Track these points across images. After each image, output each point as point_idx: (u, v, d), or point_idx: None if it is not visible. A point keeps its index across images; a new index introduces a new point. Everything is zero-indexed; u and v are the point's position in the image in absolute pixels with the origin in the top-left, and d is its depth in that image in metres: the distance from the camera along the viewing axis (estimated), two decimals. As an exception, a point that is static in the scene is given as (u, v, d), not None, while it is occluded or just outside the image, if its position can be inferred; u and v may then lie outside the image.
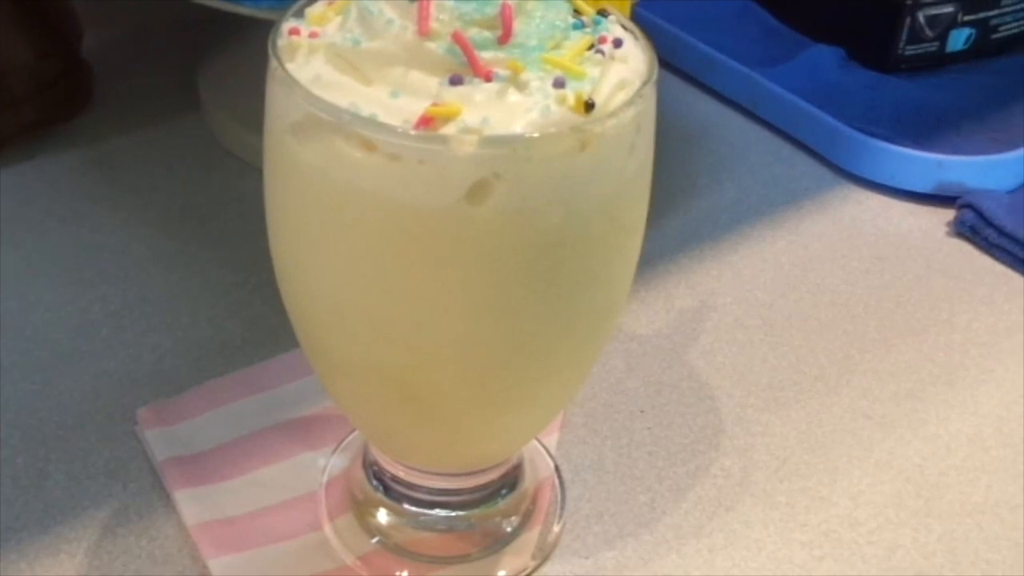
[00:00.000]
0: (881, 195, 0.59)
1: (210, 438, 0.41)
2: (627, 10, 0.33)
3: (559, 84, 0.27)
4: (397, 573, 0.37)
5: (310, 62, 0.28)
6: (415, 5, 0.27)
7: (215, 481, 0.39)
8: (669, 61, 0.67)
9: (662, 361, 0.47)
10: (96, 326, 0.46)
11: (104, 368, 0.44)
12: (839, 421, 0.45)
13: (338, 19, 0.29)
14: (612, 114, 0.27)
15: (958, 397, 0.47)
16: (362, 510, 0.38)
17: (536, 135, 0.26)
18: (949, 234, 0.55)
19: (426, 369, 0.30)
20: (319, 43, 0.28)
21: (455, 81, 0.27)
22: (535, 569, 0.38)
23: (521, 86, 0.27)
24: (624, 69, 0.29)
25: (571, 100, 0.27)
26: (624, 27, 0.31)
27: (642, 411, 0.45)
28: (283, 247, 0.30)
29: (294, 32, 0.29)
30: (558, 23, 0.28)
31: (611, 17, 0.31)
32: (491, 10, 0.27)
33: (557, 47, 0.28)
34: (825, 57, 0.66)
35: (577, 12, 0.30)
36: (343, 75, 0.27)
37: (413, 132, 0.26)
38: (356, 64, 0.27)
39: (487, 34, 0.27)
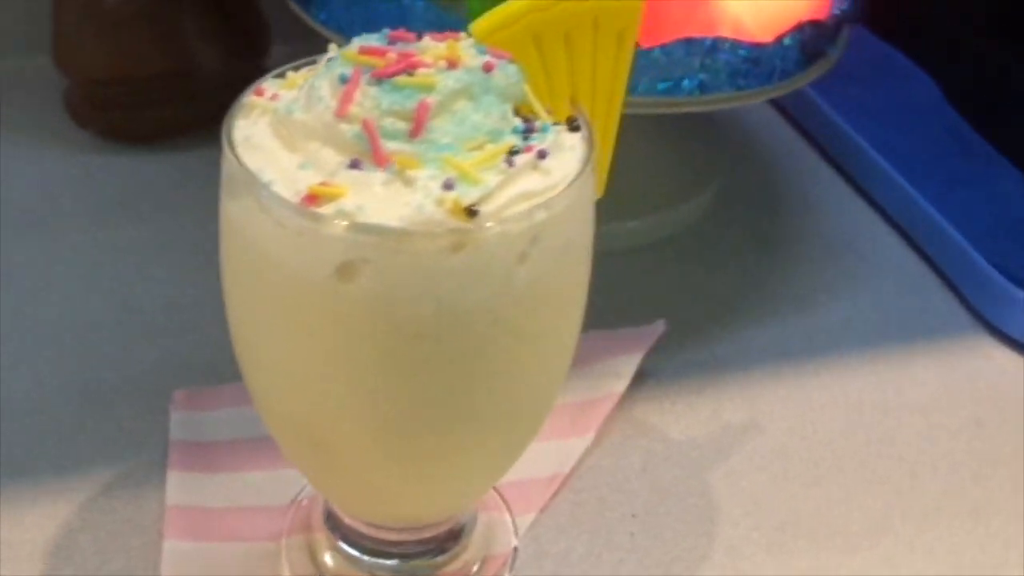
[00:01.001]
0: (1016, 353, 0.53)
1: (222, 432, 0.45)
2: (612, 120, 0.33)
3: (448, 186, 0.28)
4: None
5: (257, 122, 0.30)
6: (345, 87, 0.29)
7: (208, 471, 0.43)
8: (835, 159, 0.65)
9: (681, 471, 0.46)
10: (180, 307, 0.51)
11: (169, 346, 0.49)
12: (840, 583, 0.42)
13: (299, 88, 0.31)
14: (497, 223, 0.28)
15: (994, 595, 0.42)
16: (311, 535, 0.40)
17: (399, 228, 0.27)
18: (1071, 415, 0.50)
19: (323, 424, 0.32)
20: (269, 106, 0.30)
21: (354, 165, 0.28)
22: (452, 639, 0.39)
23: (408, 181, 0.28)
24: (538, 181, 0.29)
25: (449, 203, 0.27)
26: (586, 137, 0.31)
27: (634, 515, 0.44)
28: (224, 288, 0.33)
29: (259, 92, 0.31)
30: (484, 125, 0.29)
31: (563, 127, 0.31)
32: (411, 104, 0.29)
33: (478, 149, 0.29)
34: (1017, 188, 0.61)
35: (528, 117, 0.31)
36: (275, 140, 0.30)
37: (293, 205, 0.28)
38: (287, 132, 0.30)
39: (401, 126, 0.29)
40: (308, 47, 0.69)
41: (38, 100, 0.63)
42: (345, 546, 0.39)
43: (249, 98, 0.31)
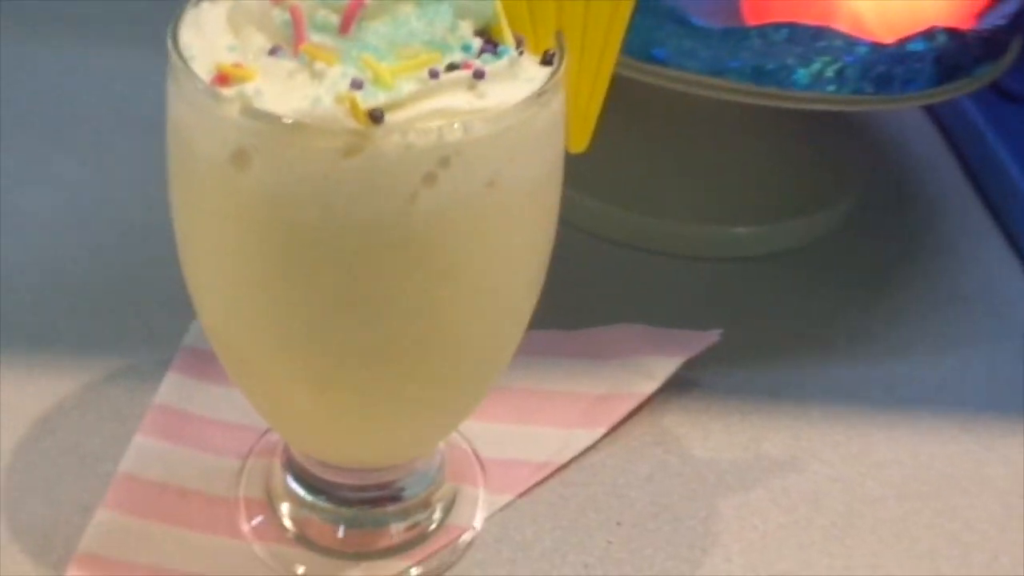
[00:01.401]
0: None
1: (234, 347, 0.44)
2: (604, 70, 0.30)
3: (357, 85, 0.26)
4: (265, 528, 0.38)
5: (217, 7, 0.30)
6: (292, -26, 0.28)
7: (203, 379, 0.43)
8: (987, 192, 0.57)
9: (688, 490, 0.42)
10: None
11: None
12: (827, 652, 0.37)
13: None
14: (399, 133, 0.26)
15: None
16: (271, 461, 0.39)
17: (292, 121, 0.25)
18: None
19: (236, 331, 0.31)
20: (235, -9, 0.29)
21: (273, 51, 0.27)
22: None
23: (316, 73, 0.26)
24: (465, 100, 0.27)
25: (348, 101, 0.25)
26: (555, 74, 0.28)
27: (619, 523, 0.40)
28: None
29: (234, -21, 0.30)
30: (424, 34, 0.27)
31: (530, 56, 0.28)
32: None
33: (412, 57, 0.27)
34: None
35: (495, 40, 0.28)
36: (225, 24, 0.29)
37: (201, 83, 0.27)
38: (236, 17, 0.29)
39: (333, 19, 0.27)
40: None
41: None
42: (290, 478, 0.38)
43: (224, -17, 0.30)
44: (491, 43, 0.28)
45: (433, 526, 0.38)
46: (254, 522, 0.38)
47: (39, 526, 0.38)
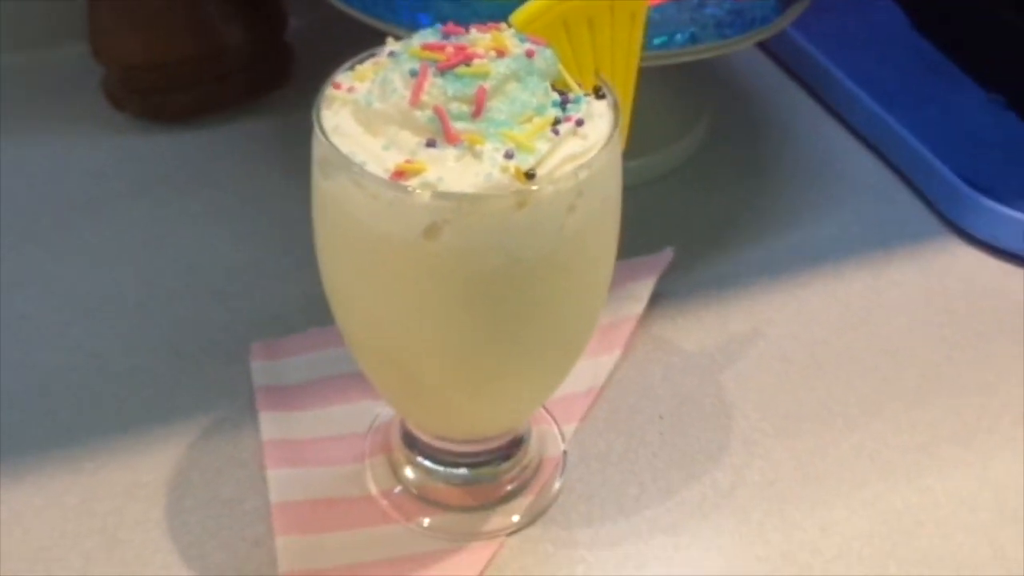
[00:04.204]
0: (981, 252, 0.60)
1: (299, 375, 0.51)
2: (630, 85, 0.39)
3: (509, 155, 0.34)
4: (406, 507, 0.46)
5: (339, 112, 0.37)
6: (416, 80, 0.35)
7: (293, 409, 0.50)
8: (813, 88, 0.71)
9: (696, 377, 0.53)
10: (240, 269, 0.57)
11: (238, 305, 0.55)
12: (841, 458, 0.49)
13: (371, 80, 0.37)
14: (550, 182, 0.34)
15: (970, 458, 0.49)
16: (391, 455, 0.47)
17: (475, 194, 0.34)
18: (1032, 301, 0.57)
19: (411, 357, 0.39)
20: (349, 98, 0.36)
21: (430, 144, 0.35)
22: (520, 528, 0.46)
23: (477, 154, 0.34)
24: (578, 144, 0.35)
25: (512, 169, 0.34)
26: (611, 103, 0.38)
27: (661, 417, 0.51)
28: (318, 251, 0.39)
29: (336, 86, 0.37)
30: (531, 103, 0.35)
31: (591, 96, 0.37)
32: (472, 90, 0.35)
33: (527, 122, 0.35)
34: (979, 103, 0.67)
35: (563, 90, 0.37)
36: (358, 126, 0.36)
37: (385, 180, 0.34)
38: (368, 119, 0.36)
39: (465, 108, 0.35)
40: (320, 20, 0.74)
41: (77, 87, 0.68)
42: (423, 459, 0.46)
43: (329, 91, 0.37)
44: (563, 94, 0.37)
45: (534, 467, 0.48)
46: (391, 501, 0.46)
47: (228, 567, 0.44)
